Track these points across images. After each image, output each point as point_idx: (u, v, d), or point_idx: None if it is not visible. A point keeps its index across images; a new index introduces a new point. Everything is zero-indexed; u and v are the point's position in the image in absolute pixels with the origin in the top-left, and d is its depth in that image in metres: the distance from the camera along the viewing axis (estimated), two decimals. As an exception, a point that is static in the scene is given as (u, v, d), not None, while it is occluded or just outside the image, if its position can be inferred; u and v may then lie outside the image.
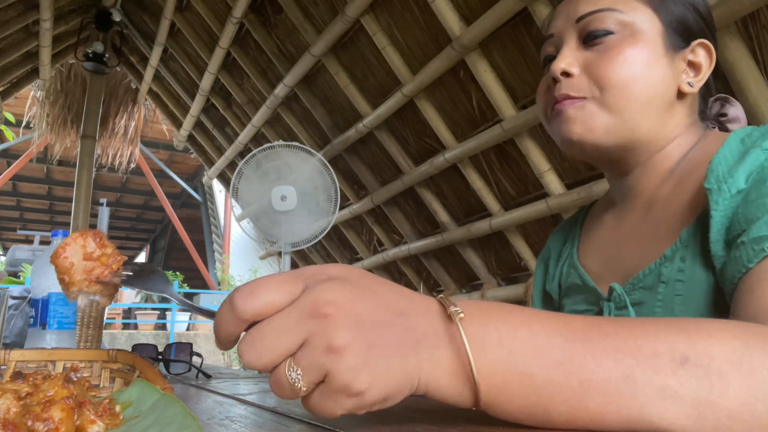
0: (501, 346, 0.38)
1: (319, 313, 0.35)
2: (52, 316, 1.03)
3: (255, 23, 2.71)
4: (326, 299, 0.36)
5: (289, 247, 2.70)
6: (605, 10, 0.66)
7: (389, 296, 0.39)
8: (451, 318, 0.38)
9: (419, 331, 0.38)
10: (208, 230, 12.30)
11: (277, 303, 0.36)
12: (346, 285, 0.37)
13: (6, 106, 3.80)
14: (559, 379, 0.38)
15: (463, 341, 0.38)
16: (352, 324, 0.36)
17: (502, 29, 1.77)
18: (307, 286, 0.37)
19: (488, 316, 0.40)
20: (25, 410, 0.39)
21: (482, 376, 0.38)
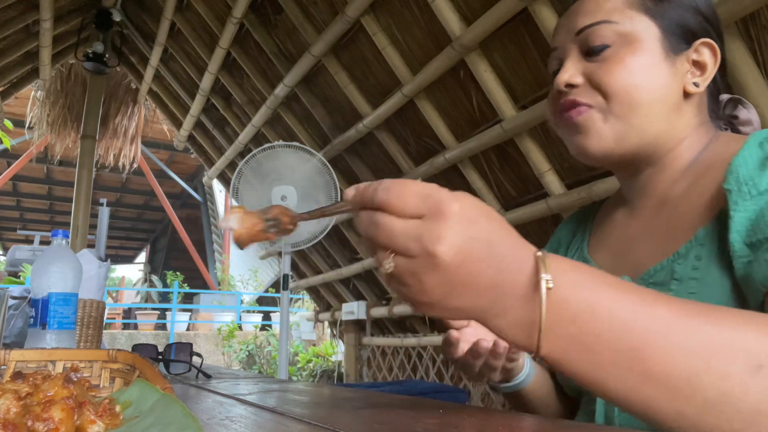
0: (574, 323, 0.42)
1: (428, 249, 0.41)
2: (52, 316, 1.03)
3: (255, 23, 2.71)
4: (441, 237, 0.41)
5: (289, 247, 2.70)
6: (602, 22, 0.68)
7: (494, 249, 0.42)
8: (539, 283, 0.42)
9: (505, 287, 0.43)
10: (208, 230, 12.30)
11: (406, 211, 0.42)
12: (462, 232, 0.41)
13: (6, 106, 3.80)
14: (623, 364, 0.42)
15: (540, 312, 0.42)
16: (447, 270, 0.41)
17: (502, 29, 1.77)
18: (436, 213, 0.42)
19: (575, 287, 0.43)
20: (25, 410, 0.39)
21: (546, 344, 0.43)
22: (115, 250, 16.37)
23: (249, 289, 10.76)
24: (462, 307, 0.43)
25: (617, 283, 0.44)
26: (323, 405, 0.71)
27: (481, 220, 0.43)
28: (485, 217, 0.43)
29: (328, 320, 3.94)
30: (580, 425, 0.53)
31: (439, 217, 0.41)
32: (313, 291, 4.04)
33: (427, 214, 0.42)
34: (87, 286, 1.29)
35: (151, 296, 10.74)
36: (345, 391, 0.85)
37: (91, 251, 1.51)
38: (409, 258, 0.42)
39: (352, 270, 3.29)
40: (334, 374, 6.03)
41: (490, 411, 0.59)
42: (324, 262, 3.63)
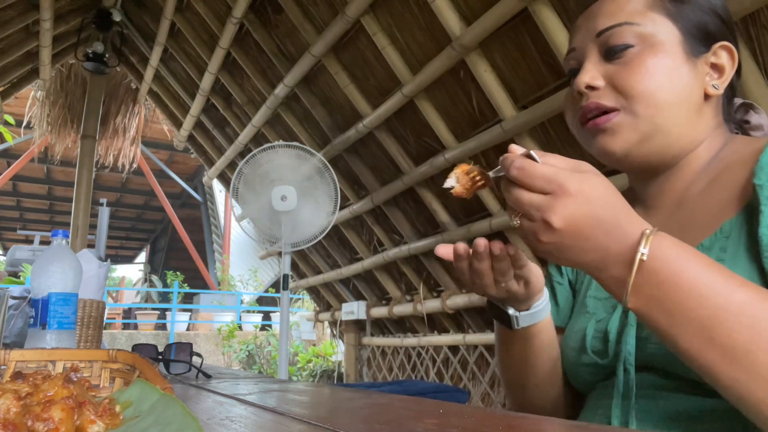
0: (659, 288, 0.52)
1: (544, 218, 0.53)
2: (52, 316, 1.03)
3: (255, 23, 2.71)
4: (556, 211, 0.53)
5: (289, 247, 2.70)
6: (623, 24, 0.68)
7: (604, 223, 0.53)
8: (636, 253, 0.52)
9: (609, 251, 0.53)
10: (208, 230, 12.30)
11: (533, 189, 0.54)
12: (575, 209, 0.52)
13: (6, 106, 3.80)
14: (693, 329, 0.51)
15: (631, 275, 0.52)
16: (557, 235, 0.53)
17: (502, 29, 1.77)
18: (557, 192, 0.53)
19: (666, 261, 0.52)
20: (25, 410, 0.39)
21: (633, 300, 0.53)
22: (115, 250, 16.37)
23: (249, 289, 10.76)
24: (570, 260, 0.55)
25: (708, 264, 0.52)
26: (323, 405, 0.70)
27: (596, 199, 0.53)
28: (601, 197, 0.53)
29: (328, 320, 3.95)
30: (580, 425, 0.53)
31: (558, 196, 0.53)
32: (313, 291, 4.04)
33: (549, 192, 0.53)
34: (87, 286, 1.29)
35: (151, 296, 10.74)
36: (345, 391, 0.84)
37: (91, 251, 1.51)
38: (531, 221, 0.55)
39: (352, 270, 3.29)
40: (334, 374, 6.04)
41: (490, 411, 0.59)
42: (324, 262, 3.63)
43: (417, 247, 2.64)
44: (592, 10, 0.73)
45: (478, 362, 2.61)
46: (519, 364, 0.79)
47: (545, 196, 0.53)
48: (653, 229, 0.53)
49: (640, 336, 0.67)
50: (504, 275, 0.68)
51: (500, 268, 0.68)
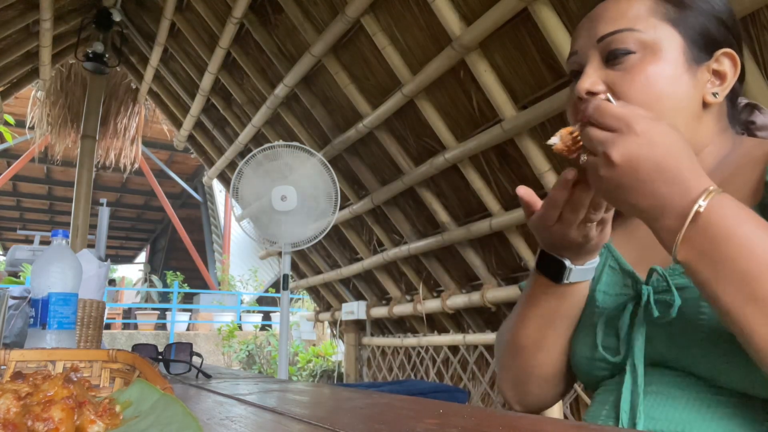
0: (710, 242, 0.53)
1: (605, 152, 0.55)
2: (52, 316, 1.03)
3: (255, 23, 2.71)
4: (617, 147, 0.55)
5: (289, 247, 2.70)
6: (625, 30, 0.68)
7: (665, 171, 0.54)
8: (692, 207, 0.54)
9: (667, 200, 0.55)
10: (208, 230, 12.31)
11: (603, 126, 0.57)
12: (637, 148, 0.54)
13: (6, 106, 3.80)
14: (736, 282, 0.52)
15: (680, 231, 0.54)
16: (615, 170, 0.55)
17: (502, 29, 1.77)
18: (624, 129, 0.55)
19: (722, 217, 0.53)
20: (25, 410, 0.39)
21: (683, 250, 0.55)
22: (115, 250, 16.37)
23: (249, 289, 10.76)
24: (626, 201, 0.57)
25: (761, 224, 0.53)
26: (323, 405, 0.70)
27: (661, 145, 0.54)
28: (667, 145, 0.55)
29: (328, 320, 3.95)
30: (580, 425, 0.53)
31: (624, 133, 0.55)
32: (313, 291, 4.04)
33: (617, 129, 0.55)
34: (87, 286, 1.29)
35: (151, 296, 10.74)
36: (345, 391, 0.84)
37: (91, 251, 1.51)
38: (595, 156, 0.57)
39: (352, 270, 3.29)
40: (334, 374, 6.04)
41: (490, 411, 0.59)
42: (324, 262, 3.63)
43: (417, 247, 2.64)
44: (595, 14, 0.72)
45: (478, 362, 2.61)
46: (545, 322, 0.76)
47: (612, 133, 0.56)
48: (717, 189, 0.54)
49: (648, 333, 0.67)
50: (597, 210, 0.66)
51: (598, 201, 0.65)
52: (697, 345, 0.61)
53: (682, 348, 0.63)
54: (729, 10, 0.72)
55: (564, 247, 0.70)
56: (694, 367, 0.62)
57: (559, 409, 2.09)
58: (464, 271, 2.57)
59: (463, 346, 2.67)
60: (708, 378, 0.61)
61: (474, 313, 2.56)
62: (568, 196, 0.65)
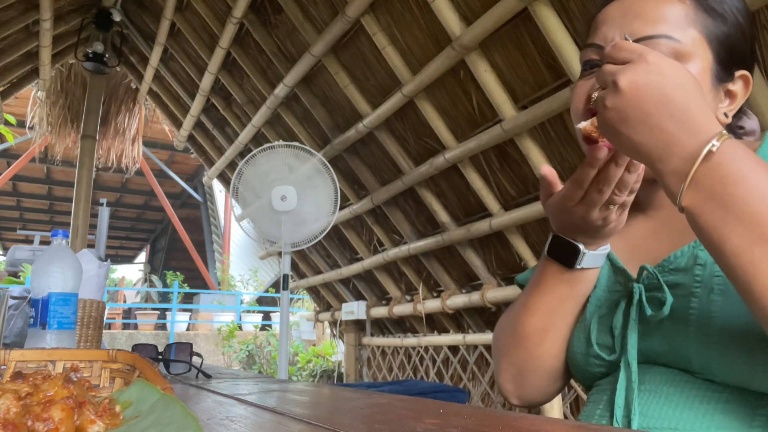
0: (720, 183, 0.51)
1: (614, 79, 0.54)
2: (52, 316, 1.03)
3: (255, 23, 2.71)
4: (626, 73, 0.53)
5: (289, 247, 2.70)
6: (663, 37, 0.65)
7: (674, 103, 0.52)
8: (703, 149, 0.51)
9: (676, 138, 0.52)
10: (208, 230, 12.31)
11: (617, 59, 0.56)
12: (645, 76, 0.53)
13: (6, 106, 3.80)
14: (746, 223, 0.50)
15: (689, 172, 0.52)
16: (621, 98, 0.53)
17: (502, 29, 1.77)
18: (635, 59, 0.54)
19: (734, 158, 0.51)
20: (25, 410, 0.39)
21: (690, 193, 0.53)
22: (115, 250, 16.37)
23: (249, 289, 10.76)
24: (632, 138, 0.54)
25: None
26: (323, 405, 0.70)
27: (671, 78, 0.53)
28: (678, 78, 0.53)
29: (328, 320, 3.95)
30: (580, 425, 0.53)
31: (635, 62, 0.53)
32: (313, 291, 4.04)
33: (629, 60, 0.54)
34: (87, 286, 1.29)
35: (151, 296, 10.74)
36: (345, 391, 0.84)
37: (91, 251, 1.51)
38: (605, 89, 0.55)
39: (352, 270, 3.29)
40: (334, 374, 6.04)
41: (490, 411, 0.59)
42: (324, 262, 3.64)
43: (417, 247, 2.64)
44: (629, 8, 0.68)
45: (478, 362, 2.61)
46: (552, 309, 0.76)
47: (623, 65, 0.54)
48: (729, 135, 0.52)
49: (641, 330, 0.67)
50: (621, 191, 0.64)
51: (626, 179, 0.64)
52: (690, 340, 0.61)
53: (674, 344, 0.63)
54: (754, 26, 0.72)
55: (580, 231, 0.70)
56: (687, 363, 0.63)
57: (559, 408, 2.09)
58: (464, 271, 2.57)
59: (463, 346, 2.67)
60: (702, 373, 0.61)
61: (474, 313, 2.56)
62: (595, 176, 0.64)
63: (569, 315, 0.76)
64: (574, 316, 0.76)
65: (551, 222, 0.73)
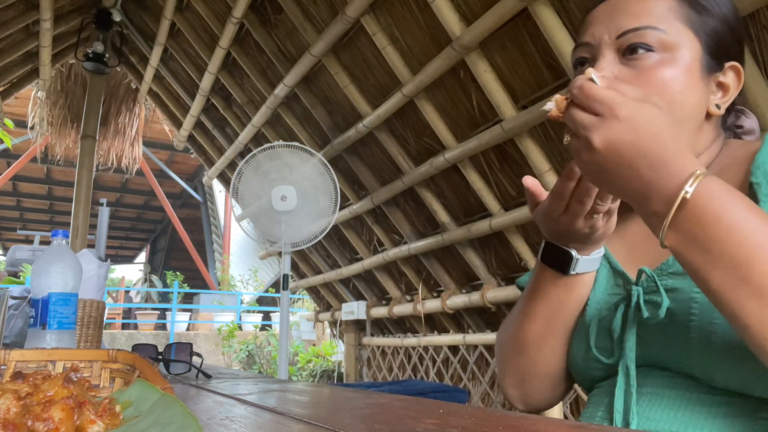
0: (698, 225, 0.52)
1: (587, 136, 0.54)
2: (52, 316, 1.03)
3: (255, 23, 2.71)
4: (599, 132, 0.53)
5: (289, 247, 2.70)
6: (648, 28, 0.66)
7: (649, 156, 0.52)
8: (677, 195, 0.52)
9: (652, 185, 0.53)
10: (208, 230, 12.31)
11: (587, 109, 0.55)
12: (619, 134, 0.53)
13: (6, 106, 3.80)
14: (728, 266, 0.50)
15: (667, 214, 0.52)
16: (596, 155, 0.54)
17: (502, 29, 1.77)
18: (607, 114, 0.53)
19: (710, 199, 0.51)
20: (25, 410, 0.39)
21: (671, 235, 0.53)
22: (115, 250, 16.37)
23: (249, 289, 10.76)
24: (611, 184, 0.56)
25: (751, 208, 0.52)
26: (323, 405, 0.70)
27: (645, 130, 0.53)
28: (651, 129, 0.53)
29: (328, 320, 3.95)
30: (580, 425, 0.53)
31: (606, 118, 0.53)
32: (313, 291, 4.04)
33: (601, 114, 0.54)
34: (87, 286, 1.29)
35: (151, 296, 10.74)
36: (345, 391, 0.84)
37: (91, 251, 1.51)
38: (577, 139, 0.56)
39: (352, 270, 3.29)
40: (334, 374, 6.04)
41: (490, 411, 0.59)
42: (324, 262, 3.63)
43: (417, 247, 2.64)
44: (615, 7, 0.69)
45: (478, 362, 2.61)
46: (551, 315, 0.76)
47: (595, 117, 0.54)
48: (704, 172, 0.52)
49: (640, 334, 0.67)
50: (604, 201, 0.65)
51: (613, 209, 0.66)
52: (691, 346, 0.61)
53: (674, 348, 0.63)
54: (739, 18, 0.71)
55: (570, 238, 0.70)
56: (688, 367, 0.62)
57: (559, 409, 2.09)
58: (464, 271, 2.57)
59: (463, 346, 2.67)
60: (703, 378, 0.61)
61: (474, 313, 2.56)
62: (575, 187, 0.64)
63: (568, 320, 0.76)
64: (573, 321, 0.76)
65: (541, 230, 0.73)
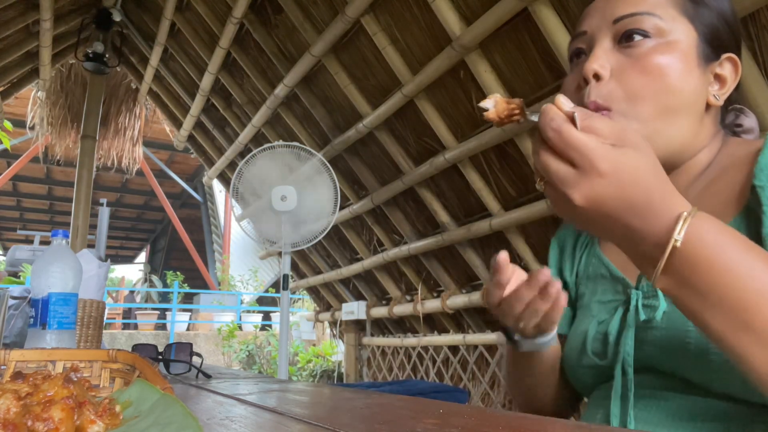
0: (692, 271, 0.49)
1: (566, 192, 0.50)
2: (52, 316, 1.03)
3: (255, 23, 2.71)
4: (580, 188, 0.49)
5: (289, 247, 2.70)
6: (644, 14, 0.66)
7: (635, 207, 0.49)
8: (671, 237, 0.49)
9: (639, 231, 0.50)
10: (208, 230, 12.31)
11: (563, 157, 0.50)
12: (602, 189, 0.49)
13: (6, 106, 3.80)
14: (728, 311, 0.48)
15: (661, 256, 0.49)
16: (578, 211, 0.50)
17: (502, 29, 1.77)
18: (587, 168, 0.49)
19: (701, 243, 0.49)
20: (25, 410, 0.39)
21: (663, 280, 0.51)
22: (115, 250, 16.37)
23: (249, 289, 10.76)
24: (597, 232, 0.54)
25: (747, 247, 0.50)
26: (323, 405, 0.70)
27: (629, 182, 0.49)
28: (635, 179, 0.49)
29: (328, 320, 3.95)
30: (580, 425, 0.53)
31: (587, 173, 0.49)
32: (313, 291, 4.04)
33: (580, 167, 0.49)
34: (87, 286, 1.29)
35: (151, 296, 10.74)
36: (345, 391, 0.84)
37: (91, 251, 1.51)
38: (554, 191, 0.51)
39: (352, 270, 3.29)
40: (334, 374, 6.04)
41: (490, 411, 0.59)
42: (324, 262, 3.63)
43: (417, 247, 2.64)
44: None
45: (478, 362, 2.61)
46: (528, 376, 0.81)
47: (574, 169, 0.50)
48: (692, 209, 0.50)
49: (638, 337, 0.66)
50: (545, 300, 0.67)
51: (538, 306, 0.68)
52: (688, 350, 0.61)
53: (672, 353, 0.63)
54: (735, 14, 0.71)
55: (512, 323, 0.73)
56: (686, 372, 0.62)
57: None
58: (464, 270, 2.57)
59: (463, 346, 2.67)
60: (700, 383, 0.61)
61: (474, 313, 2.56)
62: (507, 295, 0.67)
63: (549, 372, 0.80)
64: (553, 375, 0.80)
65: None
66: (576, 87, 0.70)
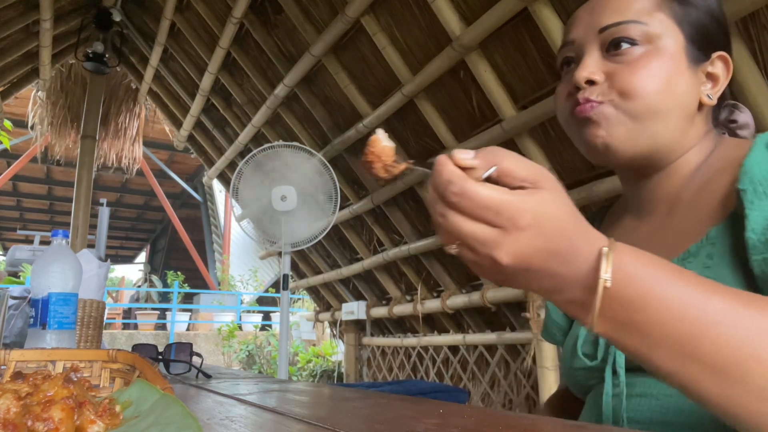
0: (626, 310, 0.46)
1: (490, 254, 0.46)
2: (52, 316, 1.03)
3: (255, 23, 2.71)
4: (504, 248, 0.45)
5: (289, 247, 2.70)
6: (630, 22, 0.66)
7: (559, 254, 0.46)
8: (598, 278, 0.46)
9: (566, 277, 0.47)
10: (208, 230, 12.31)
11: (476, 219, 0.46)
12: (526, 245, 0.45)
13: (6, 106, 3.80)
14: (673, 347, 0.45)
15: (595, 300, 0.46)
16: (505, 271, 0.47)
17: (502, 29, 1.77)
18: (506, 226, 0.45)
19: (631, 279, 0.46)
20: (25, 410, 0.39)
21: (599, 324, 0.47)
22: (115, 250, 16.37)
23: (249, 289, 10.76)
24: (520, 287, 0.50)
25: (676, 274, 0.47)
26: (323, 405, 0.70)
27: (550, 231, 0.46)
28: (555, 227, 0.46)
29: (328, 320, 3.95)
30: (580, 425, 0.53)
31: (509, 231, 0.45)
32: (313, 291, 4.04)
33: (498, 225, 0.45)
34: (87, 286, 1.29)
35: (151, 296, 10.74)
36: (345, 391, 0.84)
37: (91, 251, 1.51)
38: (474, 254, 0.47)
39: (352, 270, 3.29)
40: (334, 374, 6.04)
41: (490, 411, 0.59)
42: (324, 262, 3.63)
43: (417, 247, 2.64)
44: (597, 4, 0.70)
45: (478, 362, 2.61)
46: None
47: (492, 229, 0.46)
48: (610, 242, 0.48)
49: None
50: None
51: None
52: None
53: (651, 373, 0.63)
54: (722, 11, 0.71)
55: None
56: None
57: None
58: (464, 271, 2.57)
59: (463, 346, 2.67)
60: None
61: (474, 313, 2.56)
62: None
63: None
64: None
65: None
66: (567, 95, 0.71)
